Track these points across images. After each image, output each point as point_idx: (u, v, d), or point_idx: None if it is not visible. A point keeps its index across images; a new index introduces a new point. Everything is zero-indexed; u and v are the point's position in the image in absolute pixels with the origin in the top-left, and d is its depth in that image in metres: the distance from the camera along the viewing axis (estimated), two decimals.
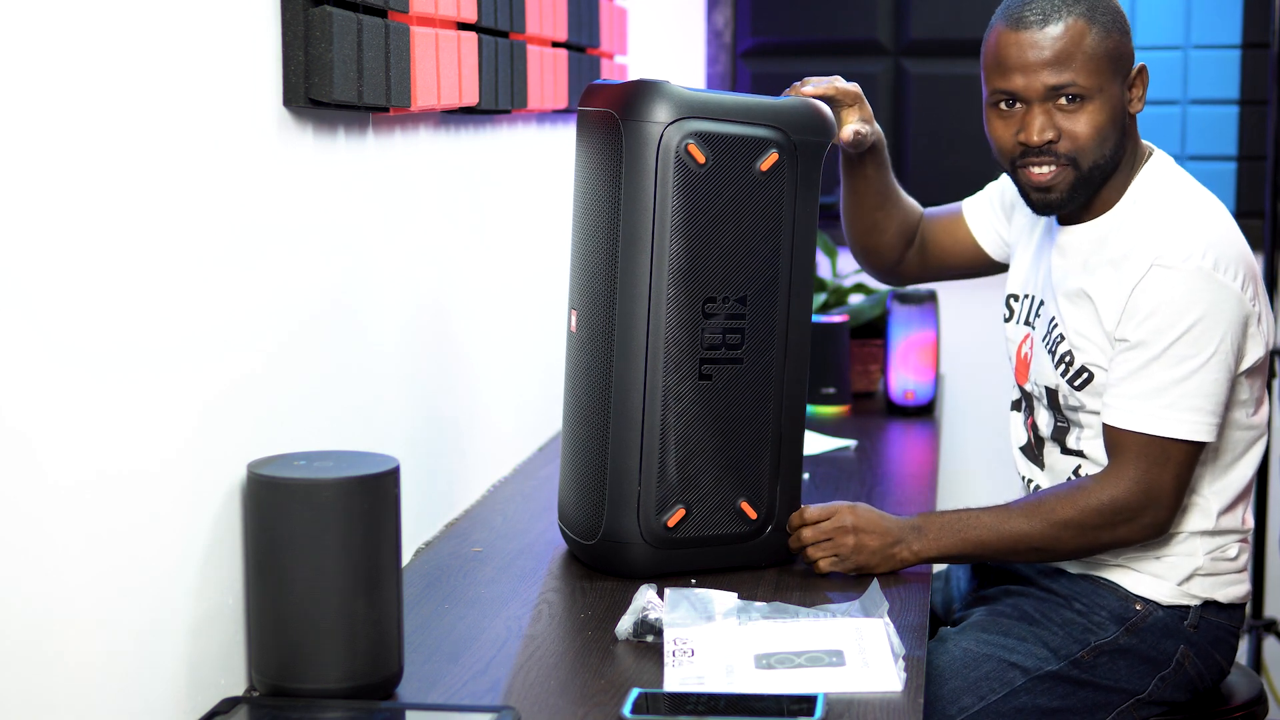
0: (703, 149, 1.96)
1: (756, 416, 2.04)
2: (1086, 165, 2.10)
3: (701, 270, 1.98)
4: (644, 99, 1.95)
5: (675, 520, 2.01)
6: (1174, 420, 2.04)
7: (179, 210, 1.52)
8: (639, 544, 2.00)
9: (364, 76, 1.83)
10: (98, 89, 1.38)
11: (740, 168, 1.99)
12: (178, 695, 1.54)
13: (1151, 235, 2.07)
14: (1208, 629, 2.16)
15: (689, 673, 1.68)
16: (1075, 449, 2.18)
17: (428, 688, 1.68)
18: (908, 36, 3.84)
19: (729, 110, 1.99)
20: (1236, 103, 3.74)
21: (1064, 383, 2.15)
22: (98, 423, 1.39)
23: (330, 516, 1.57)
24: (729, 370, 2.02)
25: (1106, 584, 2.16)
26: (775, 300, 2.04)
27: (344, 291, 1.92)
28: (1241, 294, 2.04)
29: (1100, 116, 2.08)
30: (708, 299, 1.99)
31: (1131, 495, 2.06)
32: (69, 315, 1.34)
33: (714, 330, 2.00)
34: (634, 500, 1.99)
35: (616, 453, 1.99)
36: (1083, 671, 2.13)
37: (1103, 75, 2.08)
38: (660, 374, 1.98)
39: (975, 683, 2.11)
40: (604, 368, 2.01)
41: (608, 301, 1.99)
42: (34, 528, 1.30)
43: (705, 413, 2.01)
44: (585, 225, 2.06)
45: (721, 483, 2.04)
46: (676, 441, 2.00)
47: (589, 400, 2.04)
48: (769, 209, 2.02)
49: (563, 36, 2.73)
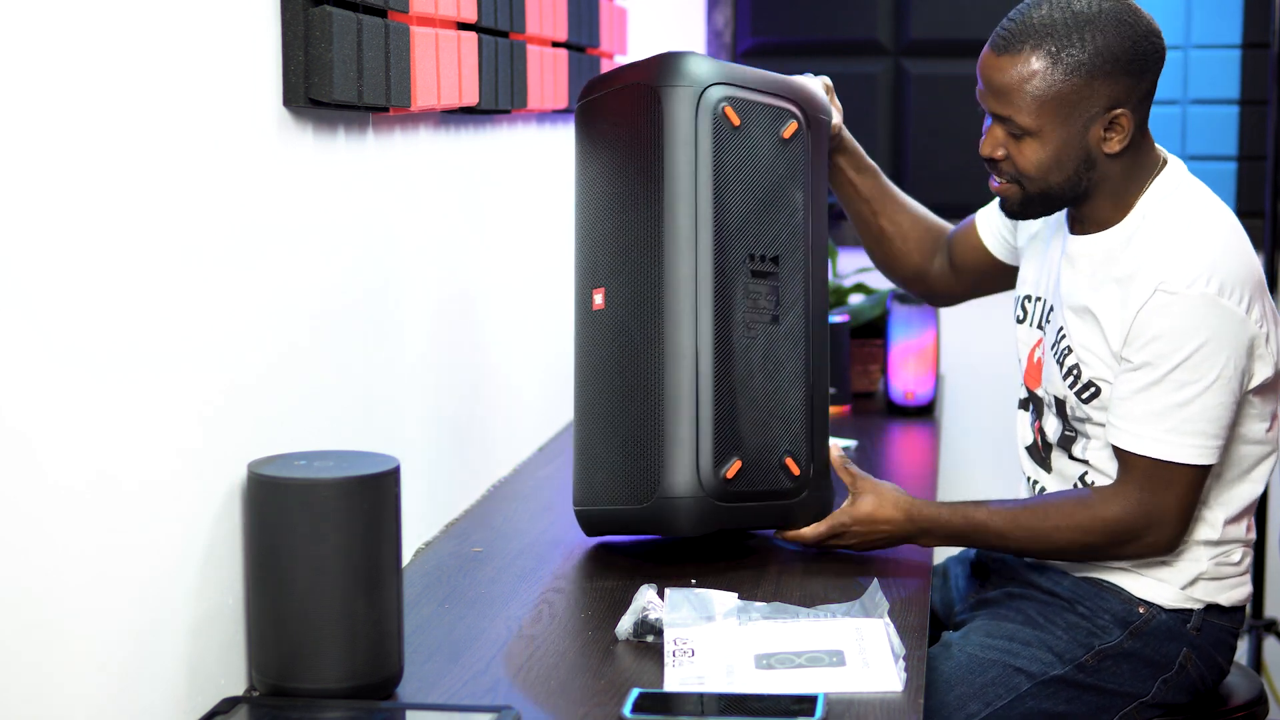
0: (737, 112, 2.04)
1: (793, 373, 2.10)
2: (1033, 189, 2.11)
3: (741, 228, 2.05)
4: (681, 65, 2.04)
5: (733, 472, 2.03)
6: (1176, 445, 2.03)
7: (179, 210, 1.52)
8: (699, 497, 2.01)
9: (364, 76, 1.83)
10: (98, 89, 1.38)
11: (767, 133, 2.08)
12: (178, 695, 1.54)
13: (1157, 257, 2.05)
14: (1210, 631, 2.16)
15: (689, 673, 1.68)
16: (1081, 458, 2.18)
17: (428, 688, 1.68)
18: (908, 36, 3.84)
19: (751, 80, 2.09)
20: (1236, 103, 3.74)
21: (1072, 394, 2.15)
22: (98, 423, 1.39)
23: (330, 516, 1.57)
24: (767, 328, 2.07)
25: (1110, 587, 2.16)
26: (801, 261, 2.11)
27: (344, 292, 1.92)
28: (1246, 317, 2.03)
29: (1042, 154, 2.07)
30: (748, 256, 2.05)
31: (1135, 516, 2.06)
32: (69, 315, 1.34)
33: (755, 288, 2.05)
34: (692, 455, 2.01)
35: (671, 412, 2.01)
36: (1087, 675, 2.13)
37: (1046, 117, 2.04)
38: (710, 331, 2.02)
39: (981, 689, 2.11)
40: (647, 333, 2.03)
41: (648, 267, 2.03)
42: (34, 527, 1.30)
43: (751, 369, 2.06)
44: (608, 201, 2.09)
45: (769, 438, 2.08)
46: (728, 397, 2.03)
47: (627, 369, 2.05)
48: (791, 174, 2.10)
49: (563, 36, 2.73)
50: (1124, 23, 2.04)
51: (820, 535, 2.12)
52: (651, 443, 2.03)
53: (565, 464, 2.70)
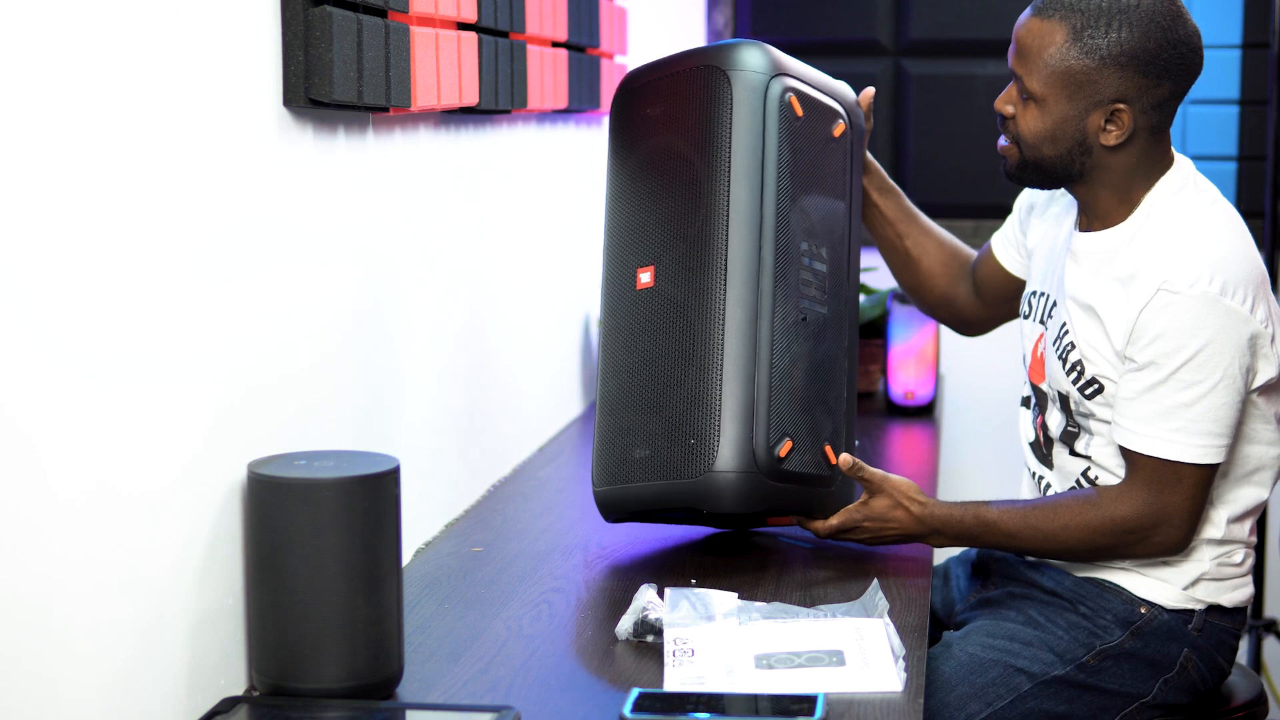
0: (800, 104, 2.10)
1: (835, 364, 2.14)
2: (1028, 155, 2.14)
3: (799, 217, 2.09)
4: (751, 51, 2.10)
5: (785, 450, 2.05)
6: (1183, 444, 2.04)
7: (179, 211, 1.52)
8: (752, 473, 2.02)
9: (364, 76, 1.83)
10: (98, 90, 1.38)
11: (820, 129, 2.15)
12: (178, 695, 1.54)
13: (1159, 257, 2.06)
14: (1211, 632, 2.16)
15: (689, 673, 1.68)
16: (1084, 453, 2.18)
17: (428, 688, 1.68)
18: (908, 36, 3.84)
19: (809, 76, 2.17)
20: (1236, 103, 3.74)
21: (1075, 390, 2.16)
22: (98, 423, 1.39)
23: (330, 516, 1.57)
24: (817, 315, 2.11)
25: (1111, 587, 2.16)
26: (842, 256, 2.16)
27: (344, 292, 1.92)
28: (1250, 316, 2.03)
29: (1040, 124, 2.10)
30: (804, 244, 2.09)
31: (1143, 516, 2.07)
32: (69, 315, 1.34)
33: (807, 276, 2.10)
34: (748, 431, 2.02)
35: (730, 387, 2.02)
36: (1088, 675, 2.13)
37: (1052, 88, 2.07)
38: (770, 311, 2.05)
39: (982, 689, 2.11)
40: (707, 309, 2.04)
41: (709, 245, 2.05)
42: (34, 527, 1.30)
43: (803, 353, 2.09)
44: (662, 182, 2.11)
45: (814, 423, 2.11)
46: (783, 379, 2.05)
47: (681, 345, 2.06)
48: (839, 171, 2.17)
49: (563, 36, 2.73)
50: (1157, 25, 2.04)
51: (832, 528, 2.13)
52: (706, 418, 2.03)
53: (565, 464, 2.71)
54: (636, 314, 2.11)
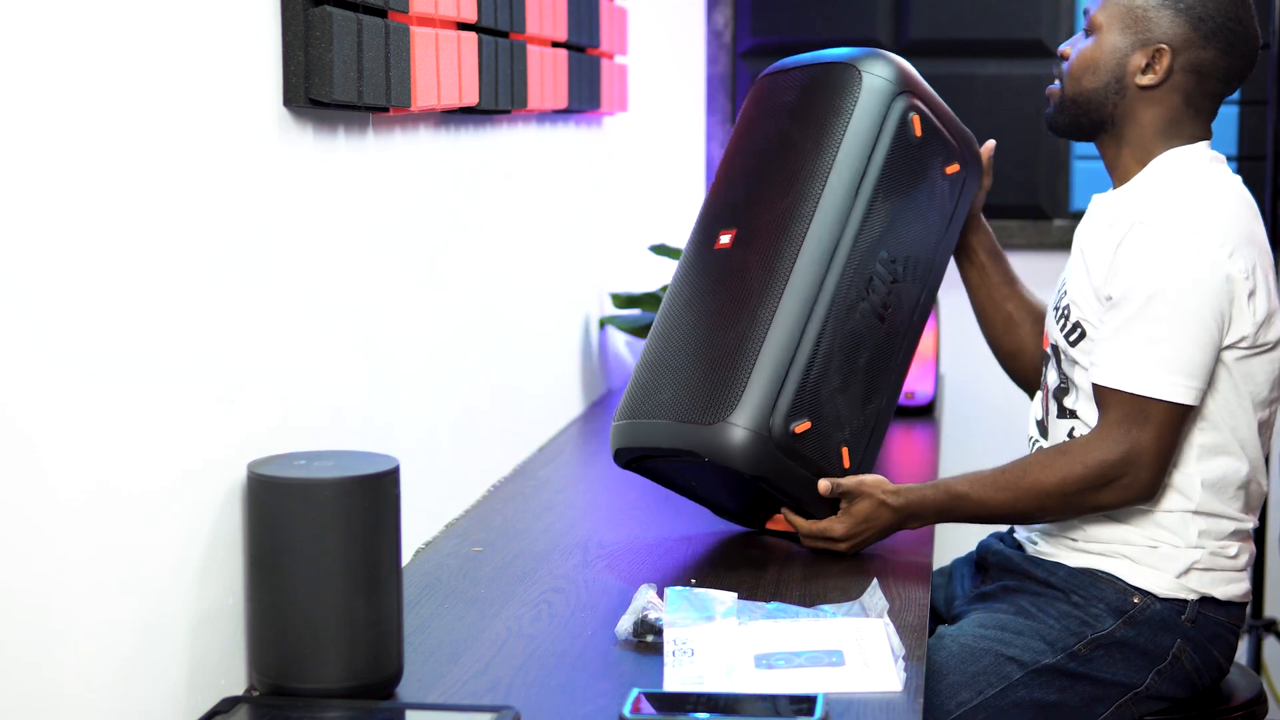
0: (922, 126, 2.20)
1: (878, 375, 2.18)
2: (1069, 92, 2.23)
3: (887, 226, 2.15)
4: (889, 63, 2.22)
5: (801, 429, 2.07)
6: (1152, 380, 2.05)
7: (179, 210, 1.52)
8: (764, 437, 2.04)
9: (364, 76, 1.83)
10: (98, 90, 1.38)
11: (934, 159, 2.24)
12: (178, 695, 1.54)
13: (1144, 198, 2.13)
14: (1205, 624, 2.16)
15: (689, 673, 1.68)
16: (1071, 408, 2.21)
17: (428, 688, 1.68)
18: (908, 36, 3.84)
19: (937, 108, 2.26)
20: (1236, 103, 3.74)
21: (1062, 338, 2.20)
22: (98, 423, 1.39)
23: (330, 516, 1.57)
24: (875, 324, 2.15)
25: (1104, 576, 2.16)
26: (919, 286, 2.21)
27: (344, 291, 1.92)
28: (1226, 260, 2.05)
29: (1091, 53, 2.20)
30: (884, 250, 2.15)
31: (1112, 455, 2.07)
32: (69, 315, 1.34)
33: (878, 284, 2.14)
34: (773, 396, 2.05)
35: (770, 350, 2.06)
36: (1079, 664, 2.13)
37: (1112, 20, 2.18)
38: (830, 295, 2.10)
39: (973, 677, 2.12)
40: (772, 277, 2.09)
41: (793, 222, 2.12)
42: (34, 527, 1.30)
43: (849, 348, 2.12)
44: (771, 158, 2.21)
45: (838, 421, 2.13)
46: (823, 363, 2.09)
47: (737, 303, 2.11)
48: (941, 207, 2.24)
49: (563, 36, 2.73)
50: None
51: (811, 530, 2.15)
52: (739, 370, 2.06)
53: (565, 464, 2.71)
54: (707, 272, 2.18)
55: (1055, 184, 3.86)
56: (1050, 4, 3.80)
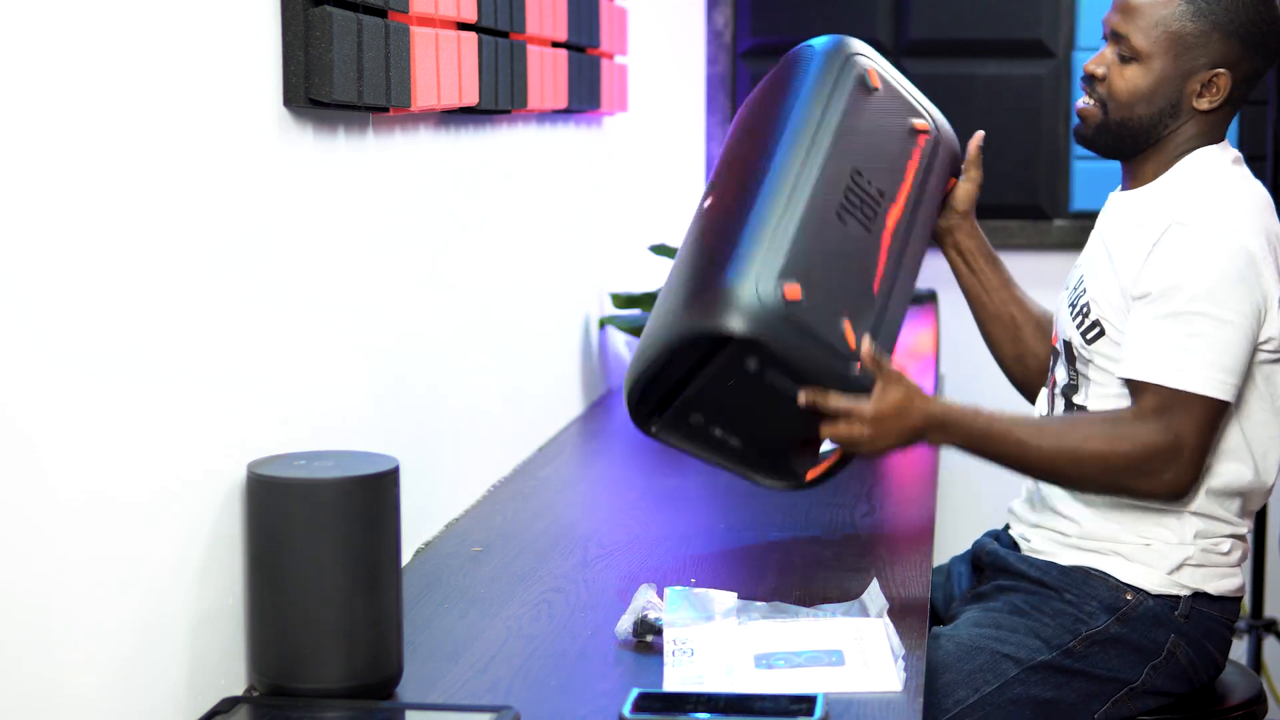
0: (879, 80, 2.23)
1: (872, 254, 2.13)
2: (1115, 116, 2.18)
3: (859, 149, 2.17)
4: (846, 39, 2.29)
5: (791, 293, 1.98)
6: (1194, 374, 2.03)
7: (179, 210, 1.52)
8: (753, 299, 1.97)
9: (364, 76, 1.83)
10: (98, 90, 1.38)
11: (897, 114, 2.24)
12: (178, 695, 1.54)
13: (1177, 197, 2.12)
14: (1199, 620, 2.16)
15: (689, 673, 1.68)
16: (1079, 405, 2.19)
17: (428, 688, 1.68)
18: (908, 36, 3.84)
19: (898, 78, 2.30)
20: None
21: (1078, 334, 2.18)
22: (98, 422, 1.39)
23: (330, 516, 1.57)
24: (859, 224, 2.12)
25: (1097, 574, 2.16)
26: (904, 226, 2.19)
27: (344, 291, 1.92)
28: (1264, 263, 2.05)
29: (1141, 82, 2.15)
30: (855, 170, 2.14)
31: (1160, 442, 2.03)
32: (69, 315, 1.34)
33: (853, 195, 2.13)
34: (758, 262, 2.00)
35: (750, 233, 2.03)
36: (1075, 661, 2.13)
37: (1159, 47, 2.13)
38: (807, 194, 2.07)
39: (969, 675, 2.12)
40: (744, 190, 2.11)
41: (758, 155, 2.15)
42: (34, 528, 1.30)
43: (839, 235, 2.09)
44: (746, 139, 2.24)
45: (834, 289, 2.05)
46: (812, 225, 2.06)
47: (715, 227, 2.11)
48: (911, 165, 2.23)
49: (563, 36, 2.73)
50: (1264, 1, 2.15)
51: (840, 408, 2.02)
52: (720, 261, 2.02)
53: (565, 464, 2.71)
54: (690, 233, 2.19)
55: (1055, 184, 3.86)
56: (1050, 4, 3.81)
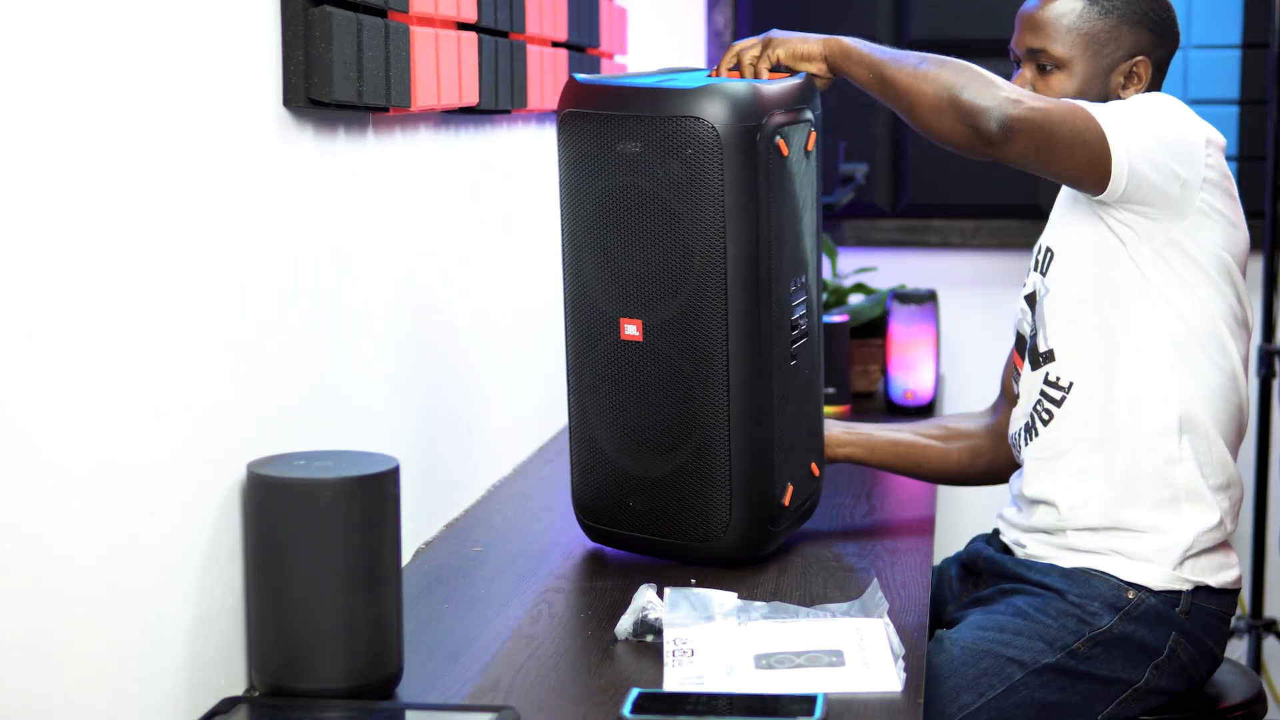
0: (786, 142, 2.01)
1: (816, 382, 2.17)
2: None
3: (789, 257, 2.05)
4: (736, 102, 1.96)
5: (789, 498, 2.09)
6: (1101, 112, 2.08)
7: (179, 210, 1.52)
8: (761, 529, 2.06)
9: (364, 76, 1.83)
10: (98, 89, 1.38)
11: (800, 152, 2.07)
12: (178, 695, 1.54)
13: None
14: (1199, 615, 2.17)
15: (689, 673, 1.68)
16: (1044, 351, 2.22)
17: (428, 688, 1.68)
18: (908, 36, 3.84)
19: (781, 100, 2.03)
20: (1236, 103, 3.74)
21: (1036, 274, 2.24)
22: (98, 422, 1.39)
23: (330, 516, 1.57)
24: (806, 349, 2.12)
25: (1099, 574, 2.17)
26: (811, 263, 2.13)
27: (344, 291, 1.92)
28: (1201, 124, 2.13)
29: (1069, 86, 2.23)
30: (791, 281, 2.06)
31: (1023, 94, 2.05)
32: (69, 314, 1.34)
33: (798, 319, 2.09)
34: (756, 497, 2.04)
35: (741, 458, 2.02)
36: (1079, 663, 2.13)
37: (1077, 50, 2.22)
38: (772, 372, 2.03)
39: (974, 680, 2.12)
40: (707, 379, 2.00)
41: (703, 308, 1.98)
42: (33, 528, 1.30)
43: (797, 395, 2.10)
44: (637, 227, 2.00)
45: (805, 455, 2.15)
46: (786, 432, 2.07)
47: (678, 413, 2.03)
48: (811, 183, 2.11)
49: (563, 36, 2.73)
50: None
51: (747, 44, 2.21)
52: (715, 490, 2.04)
53: (565, 464, 2.70)
54: (622, 364, 2.05)
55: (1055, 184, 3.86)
56: None
